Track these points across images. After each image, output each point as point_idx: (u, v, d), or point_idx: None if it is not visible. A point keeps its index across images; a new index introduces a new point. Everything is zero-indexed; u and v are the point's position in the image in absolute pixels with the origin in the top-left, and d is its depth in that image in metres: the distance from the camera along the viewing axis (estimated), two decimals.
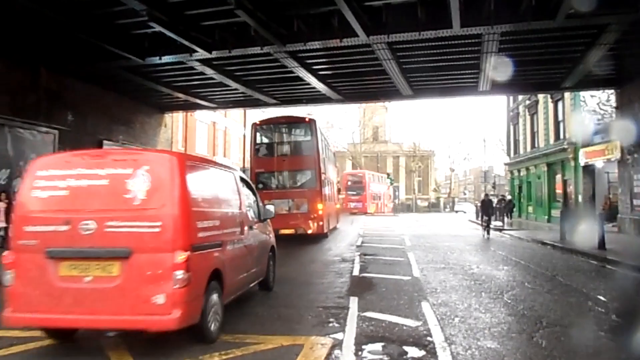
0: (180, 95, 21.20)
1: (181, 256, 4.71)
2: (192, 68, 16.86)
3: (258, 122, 20.15)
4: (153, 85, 19.38)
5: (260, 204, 8.01)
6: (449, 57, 15.85)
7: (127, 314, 4.64)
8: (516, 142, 36.39)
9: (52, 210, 4.94)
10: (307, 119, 20.13)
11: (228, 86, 19.45)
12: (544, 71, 18.00)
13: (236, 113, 37.83)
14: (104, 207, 4.86)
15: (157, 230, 4.73)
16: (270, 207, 8.29)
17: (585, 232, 15.02)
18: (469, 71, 17.52)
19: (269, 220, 8.34)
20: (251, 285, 7.50)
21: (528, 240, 19.59)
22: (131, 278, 4.66)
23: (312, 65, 17.02)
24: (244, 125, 33.17)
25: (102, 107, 19.98)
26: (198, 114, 30.29)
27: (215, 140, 33.88)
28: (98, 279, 4.71)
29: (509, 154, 39.87)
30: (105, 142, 20.35)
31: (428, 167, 75.99)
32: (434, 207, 65.92)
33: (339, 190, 28.03)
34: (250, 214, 7.35)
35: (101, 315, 4.69)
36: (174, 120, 27.16)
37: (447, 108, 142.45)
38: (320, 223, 18.17)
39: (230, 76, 18.04)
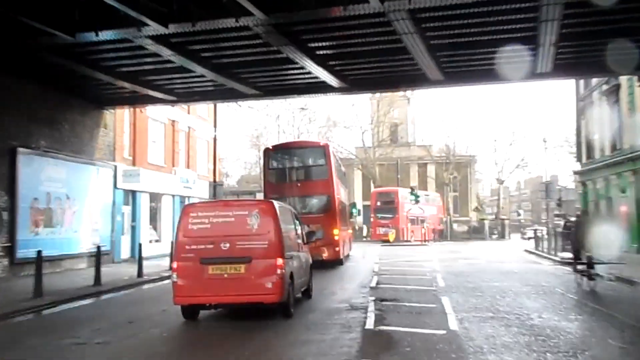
0: (125, 84, 21.23)
1: (280, 261, 11.34)
2: (141, 48, 16.90)
3: (271, 147, 26.55)
4: (88, 71, 19.42)
5: (304, 230, 14.81)
6: (492, 27, 15.92)
7: (249, 294, 11.22)
8: (589, 142, 36.40)
9: (202, 236, 11.55)
10: (321, 144, 26.78)
11: (192, 72, 19.50)
12: (627, 46, 18.02)
13: (203, 109, 37.95)
14: (234, 233, 11.49)
15: (265, 246, 11.41)
16: (318, 232, 16.01)
17: None
18: (522, 46, 17.56)
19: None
20: (302, 289, 13.98)
21: (610, 278, 19.48)
22: (251, 273, 11.26)
23: (308, 43, 17.09)
24: (215, 125, 33.20)
25: (17, 102, 20.02)
26: (151, 110, 30.36)
27: (176, 145, 33.95)
28: (232, 274, 11.29)
29: (579, 159, 39.89)
30: (20, 149, 20.34)
31: (467, 179, 76.09)
32: (475, 232, 65.88)
33: (350, 214, 32.90)
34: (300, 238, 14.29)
35: (234, 296, 11.28)
36: (118, 119, 27.22)
37: (492, 97, 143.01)
38: (337, 249, 23.79)
39: (194, 59, 18.10)
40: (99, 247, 18.97)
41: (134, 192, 29.38)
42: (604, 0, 14.06)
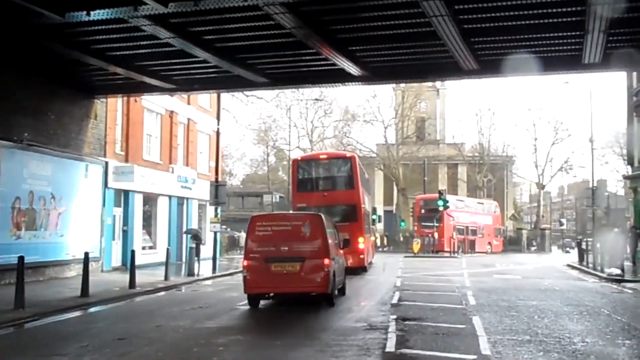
0: (119, 70, 21.37)
1: (327, 261, 15.98)
2: (137, 29, 17.00)
3: (299, 158, 32.88)
4: (77, 55, 19.56)
5: (341, 238, 19.62)
6: (534, 10, 15.85)
7: (303, 286, 16.04)
8: None
9: (266, 241, 16.31)
10: (347, 155, 32.06)
11: (193, 57, 19.59)
12: None
13: (205, 99, 38.08)
14: (291, 239, 16.25)
15: (316, 249, 16.17)
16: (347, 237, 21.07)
17: None
18: (567, 33, 17.50)
19: None
20: (339, 287, 18.01)
21: None
22: (305, 270, 15.96)
23: (325, 25, 17.11)
24: (218, 118, 33.29)
25: None
26: (147, 99, 30.51)
27: (174, 139, 34.12)
28: (290, 271, 15.96)
29: (630, 163, 39.62)
30: (1, 142, 20.51)
31: (503, 182, 75.84)
32: (512, 243, 65.67)
33: (372, 221, 37.64)
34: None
35: (291, 287, 16.00)
36: (110, 109, 27.40)
37: (533, 91, 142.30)
38: (361, 256, 28.01)
39: (196, 42, 18.17)
40: (86, 254, 19.07)
41: (126, 192, 29.55)
42: None
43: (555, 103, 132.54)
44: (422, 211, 51.79)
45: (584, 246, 36.69)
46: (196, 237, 27.65)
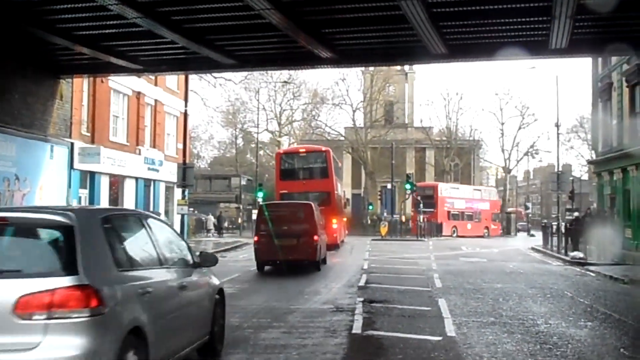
0: (84, 50, 21.08)
1: (316, 237, 21.59)
2: (103, 9, 16.76)
3: (282, 152, 41.04)
4: (42, 34, 19.25)
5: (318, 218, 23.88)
6: None
7: (301, 256, 21.16)
8: (607, 128, 36.64)
9: (272, 222, 21.52)
10: (323, 149, 37.19)
11: (160, 38, 19.38)
12: None
13: (173, 80, 37.76)
14: (290, 221, 21.80)
15: (308, 228, 21.68)
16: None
17: None
18: (535, 19, 17.60)
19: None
20: (323, 257, 23.35)
21: (624, 280, 19.72)
22: (301, 244, 21.15)
23: (294, 8, 17.01)
24: (185, 99, 33.03)
25: None
26: (114, 80, 30.17)
27: (141, 120, 33.80)
28: (290, 244, 20.85)
29: (595, 148, 40.18)
30: None
31: (470, 166, 76.45)
32: None
33: (345, 204, 43.97)
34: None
35: (293, 257, 20.81)
36: (76, 89, 27.04)
37: (500, 76, 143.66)
38: (335, 235, 32.21)
39: (164, 22, 17.96)
40: None
41: (92, 174, 29.22)
42: None
43: (522, 88, 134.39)
44: (419, 197, 53.68)
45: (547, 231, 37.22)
46: None
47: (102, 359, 5.61)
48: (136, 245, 7.45)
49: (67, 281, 5.58)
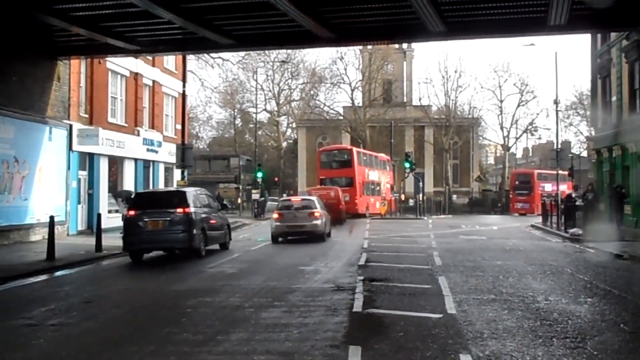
0: (81, 31, 21.00)
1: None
2: None
3: (321, 150, 53.99)
4: (39, 15, 19.16)
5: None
6: None
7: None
8: (606, 105, 36.59)
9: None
10: (348, 147, 52.75)
11: (158, 18, 19.31)
12: None
13: (170, 61, 37.62)
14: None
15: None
16: (346, 197, 41.88)
17: None
18: None
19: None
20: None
21: (625, 257, 19.76)
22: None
23: None
24: (183, 80, 32.91)
25: None
26: (111, 61, 30.06)
27: (139, 102, 33.72)
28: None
29: (594, 124, 40.10)
30: None
31: (469, 145, 76.37)
32: (477, 204, 66.38)
33: (390, 189, 55.66)
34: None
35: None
36: (73, 71, 26.98)
37: (499, 53, 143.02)
38: (357, 207, 44.74)
39: (161, 2, 17.89)
40: (52, 218, 18.90)
41: (91, 155, 29.22)
42: None
43: (521, 65, 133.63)
44: (516, 182, 62.06)
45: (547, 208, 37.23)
46: (128, 201, 23.00)
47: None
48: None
49: None
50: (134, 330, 9.87)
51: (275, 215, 26.04)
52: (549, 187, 60.28)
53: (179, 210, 18.74)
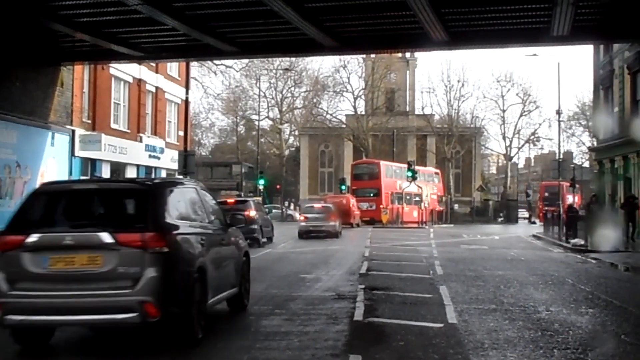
0: (85, 37, 21.04)
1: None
2: None
3: (354, 163, 61.43)
4: (42, 21, 19.20)
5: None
6: None
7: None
8: (609, 116, 36.57)
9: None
10: (375, 161, 57.15)
11: (161, 25, 19.33)
12: None
13: (174, 68, 37.68)
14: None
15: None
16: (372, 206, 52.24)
17: None
18: (536, 5, 17.57)
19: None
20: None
21: (627, 268, 19.72)
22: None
23: None
24: (186, 87, 32.99)
25: None
26: (115, 67, 30.11)
27: (142, 108, 33.75)
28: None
29: (596, 135, 40.08)
30: None
31: (471, 154, 76.34)
32: (479, 214, 66.32)
33: (437, 199, 61.12)
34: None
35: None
36: (76, 76, 27.00)
37: (502, 63, 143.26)
38: (383, 215, 48.70)
39: (165, 9, 17.91)
40: None
41: (93, 161, 29.22)
42: None
43: (524, 75, 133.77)
44: (546, 194, 62.96)
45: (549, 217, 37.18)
46: None
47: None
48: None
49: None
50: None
51: (302, 218, 35.08)
52: (570, 198, 62.39)
53: None
